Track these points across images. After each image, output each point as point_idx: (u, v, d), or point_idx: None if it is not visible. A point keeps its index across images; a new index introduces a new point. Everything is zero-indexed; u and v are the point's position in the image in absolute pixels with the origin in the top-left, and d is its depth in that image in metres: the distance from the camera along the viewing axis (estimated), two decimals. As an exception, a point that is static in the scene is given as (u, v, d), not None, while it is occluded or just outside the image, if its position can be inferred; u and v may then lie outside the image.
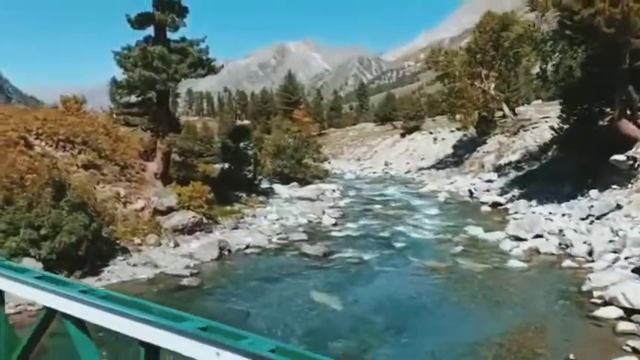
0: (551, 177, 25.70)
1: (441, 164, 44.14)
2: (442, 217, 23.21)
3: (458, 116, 40.06)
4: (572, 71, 26.18)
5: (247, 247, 17.26)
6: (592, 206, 19.67)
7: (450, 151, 45.75)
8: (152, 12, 19.47)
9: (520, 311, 11.02)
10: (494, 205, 25.48)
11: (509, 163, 34.52)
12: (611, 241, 15.09)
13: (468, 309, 11.33)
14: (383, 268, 14.69)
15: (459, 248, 16.50)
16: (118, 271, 13.99)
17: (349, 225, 21.55)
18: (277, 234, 19.22)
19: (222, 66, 20.86)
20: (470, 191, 30.84)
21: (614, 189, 19.93)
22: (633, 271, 12.54)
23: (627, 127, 19.43)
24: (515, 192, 26.82)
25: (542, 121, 37.36)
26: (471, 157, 40.29)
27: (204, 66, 19.79)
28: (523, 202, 23.58)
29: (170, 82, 19.10)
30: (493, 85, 39.13)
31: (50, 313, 2.95)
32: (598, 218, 18.14)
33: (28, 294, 3.09)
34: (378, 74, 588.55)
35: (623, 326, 9.53)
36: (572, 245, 15.77)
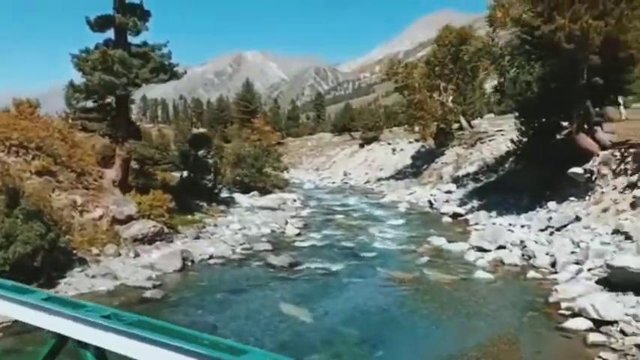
0: (509, 189, 26.18)
1: (399, 175, 44.50)
2: (404, 228, 23.27)
3: (417, 128, 40.51)
4: (529, 86, 26.83)
5: (211, 257, 16.82)
6: (551, 218, 20.07)
7: (409, 161, 46.22)
8: (113, 15, 18.89)
9: (491, 323, 11.02)
10: (455, 215, 25.75)
11: (467, 175, 35.06)
12: (573, 253, 15.36)
13: (440, 321, 11.26)
14: (351, 279, 14.51)
15: (425, 259, 16.51)
16: (75, 283, 13.34)
17: (313, 235, 21.33)
18: (241, 244, 18.83)
19: (185, 72, 20.41)
20: (430, 202, 31.13)
21: (572, 201, 20.40)
22: (597, 282, 12.77)
23: (585, 140, 19.97)
24: (475, 203, 27.18)
25: (498, 134, 38.23)
26: (429, 168, 40.78)
27: (167, 71, 19.31)
28: (483, 213, 23.87)
29: (131, 87, 18.54)
30: (451, 98, 39.81)
31: (61, 341, 2.62)
32: (558, 230, 18.48)
33: (34, 318, 2.74)
34: (334, 85, 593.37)
35: (594, 338, 9.63)
36: (535, 256, 15.99)
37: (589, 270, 13.77)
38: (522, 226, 20.82)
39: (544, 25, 18.39)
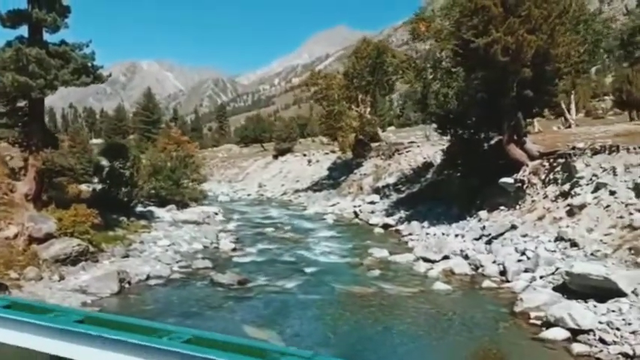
0: (436, 199, 26.66)
1: (317, 186, 44.26)
2: (340, 240, 22.87)
3: (338, 139, 40.52)
4: (446, 97, 27.55)
5: (148, 277, 15.38)
6: (484, 227, 20.49)
7: (326, 173, 46.14)
8: (27, 9, 16.99)
9: (469, 337, 10.75)
10: (385, 226, 25.77)
11: (388, 186, 35.42)
12: (519, 261, 15.59)
13: (418, 337, 10.84)
14: (308, 296, 13.79)
15: (376, 272, 16.12)
16: (-1, 314, 11.56)
17: (250, 250, 20.35)
18: (177, 262, 17.49)
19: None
20: (355, 213, 31.06)
21: (503, 210, 20.95)
22: (554, 289, 12.96)
23: (515, 151, 20.60)
24: (402, 214, 27.35)
25: (413, 146, 39.10)
26: (348, 180, 40.85)
27: (89, 73, 17.62)
28: (415, 223, 24.01)
29: (48, 90, 16.69)
30: (368, 110, 40.26)
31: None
32: (494, 238, 18.79)
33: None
34: (233, 96, 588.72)
35: (578, 348, 9.56)
36: (482, 266, 16.13)
37: (541, 277, 13.99)
38: (456, 236, 21.10)
39: (480, 38, 18.77)
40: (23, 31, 17.61)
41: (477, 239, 19.76)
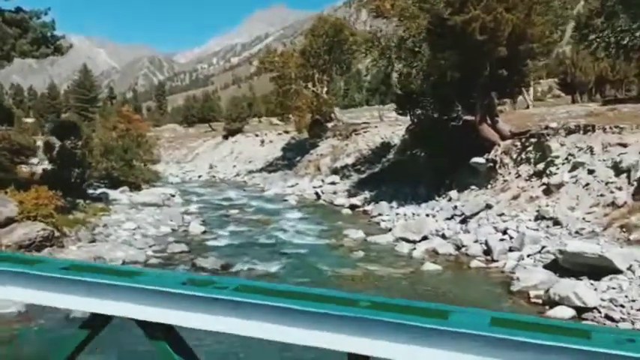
0: (401, 179, 26.57)
1: (271, 167, 43.55)
2: (309, 221, 22.42)
3: (293, 118, 39.80)
4: (420, 78, 27.47)
5: (124, 263, 14.46)
6: (455, 207, 20.55)
7: (280, 153, 45.43)
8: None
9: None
10: (352, 207, 25.52)
11: (346, 166, 35.22)
12: (501, 240, 15.67)
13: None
14: (297, 279, 13.27)
15: (360, 253, 15.80)
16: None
17: (221, 232, 19.59)
18: (150, 246, 16.56)
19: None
20: (317, 194, 30.68)
21: (474, 190, 21.10)
22: (545, 267, 13.06)
23: (487, 131, 20.71)
24: (367, 194, 27.18)
25: (371, 126, 39.02)
26: (303, 160, 40.37)
27: (50, 44, 16.25)
28: (384, 204, 23.85)
29: (5, 61, 15.31)
30: (325, 89, 39.75)
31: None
32: (469, 218, 18.88)
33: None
34: (170, 75, 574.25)
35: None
36: (465, 245, 16.10)
37: (529, 256, 14.06)
38: (427, 215, 21.06)
39: (457, 15, 18.59)
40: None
41: (448, 219, 19.80)
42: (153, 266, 14.41)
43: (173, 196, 29.83)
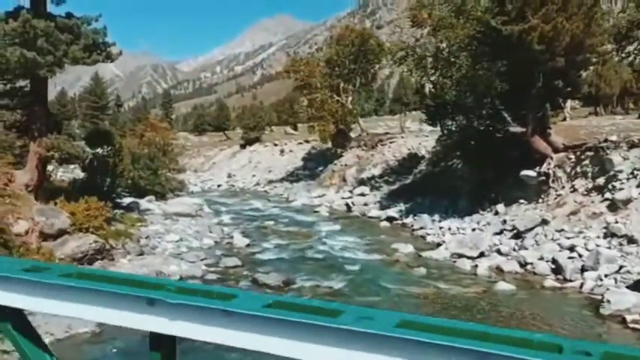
0: (438, 191, 25.92)
1: (292, 177, 42.92)
2: (350, 234, 21.74)
3: (320, 128, 39.20)
4: (455, 88, 26.91)
5: (181, 278, 13.79)
6: (504, 221, 19.93)
7: (300, 163, 44.84)
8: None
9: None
10: (390, 219, 24.86)
11: (373, 177, 34.59)
12: (570, 258, 15.01)
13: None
14: (367, 298, 12.64)
15: (422, 270, 15.12)
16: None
17: (266, 245, 18.94)
18: (201, 259, 15.91)
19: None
20: (347, 205, 30.03)
21: (523, 204, 20.43)
22: (629, 288, 12.40)
23: (539, 143, 20.05)
24: (402, 206, 26.55)
25: (397, 136, 38.42)
26: (327, 170, 39.71)
27: (101, 51, 15.68)
28: (426, 216, 23.19)
29: (57, 67, 14.71)
30: (350, 99, 39.21)
31: None
32: (523, 233, 18.20)
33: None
34: (173, 83, 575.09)
35: None
36: (529, 263, 15.44)
37: (606, 276, 13.41)
38: (473, 230, 20.43)
39: (513, 24, 17.99)
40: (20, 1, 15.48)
41: (497, 234, 19.17)
42: (211, 282, 13.75)
43: (202, 206, 29.18)
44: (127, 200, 26.35)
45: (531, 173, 20.35)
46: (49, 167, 21.72)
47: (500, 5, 18.82)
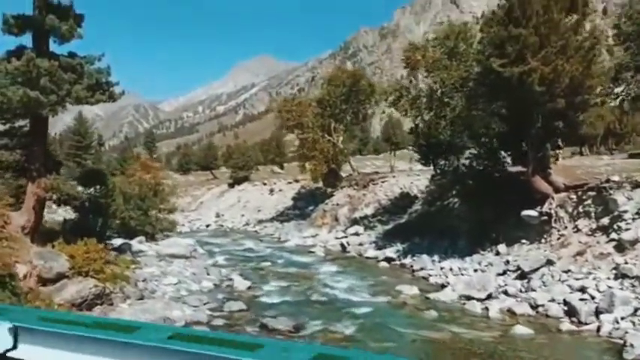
0: (435, 231, 25.71)
1: (282, 216, 42.47)
2: (350, 275, 21.33)
3: (312, 167, 39.05)
4: (449, 128, 27.12)
5: (186, 324, 13.24)
6: (507, 261, 19.74)
7: (290, 203, 44.45)
8: (35, 15, 14.66)
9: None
10: (388, 260, 24.52)
11: (366, 217, 34.36)
12: (582, 300, 14.77)
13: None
14: (382, 344, 12.20)
15: (432, 314, 14.76)
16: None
17: (267, 288, 18.42)
18: (204, 304, 15.36)
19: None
20: (342, 245, 29.65)
21: (524, 243, 20.30)
22: (648, 331, 12.17)
23: (540, 183, 20.05)
24: (399, 247, 26.23)
25: (389, 176, 38.40)
26: (318, 210, 39.38)
27: (104, 90, 15.42)
28: (426, 257, 22.89)
29: (59, 107, 14.39)
30: (341, 139, 39.27)
31: None
32: (528, 274, 17.98)
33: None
34: (155, 123, 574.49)
35: None
36: (541, 305, 15.17)
37: (623, 319, 13.18)
38: (475, 271, 20.20)
39: (513, 67, 18.17)
40: (24, 39, 15.24)
41: (501, 274, 18.93)
42: (218, 328, 13.21)
43: (195, 247, 28.59)
44: (118, 241, 25.71)
45: (533, 213, 20.29)
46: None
47: (499, 48, 19.02)
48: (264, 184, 51.29)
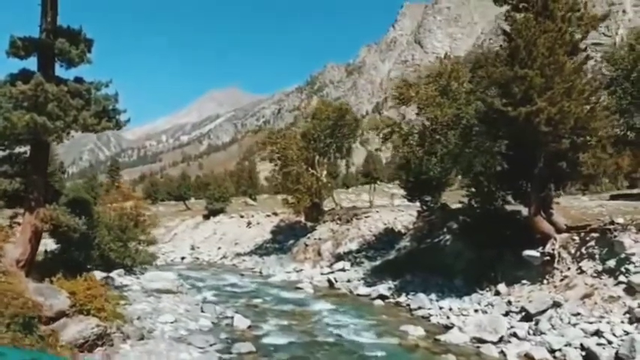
0: (427, 269, 25.37)
1: (261, 250, 41.54)
2: (348, 314, 20.63)
3: (295, 200, 38.47)
4: (440, 164, 27.13)
5: (198, 369, 12.40)
6: (509, 302, 19.51)
7: (269, 236, 43.60)
8: (43, 38, 13.95)
9: None
10: (382, 298, 23.96)
11: (351, 252, 33.81)
12: (600, 345, 14.53)
13: None
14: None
15: (450, 358, 14.26)
16: None
17: (267, 327, 17.61)
18: (210, 345, 14.47)
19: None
20: (329, 281, 28.98)
21: (525, 284, 20.11)
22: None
23: (542, 224, 19.98)
24: (390, 284, 25.72)
25: (372, 210, 38.11)
26: (299, 244, 38.65)
27: (111, 118, 14.70)
28: (422, 296, 22.43)
29: (64, 133, 13.62)
30: (325, 172, 38.97)
31: None
32: (534, 316, 17.71)
33: None
34: (117, 151, 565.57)
35: None
36: (558, 349, 14.85)
37: (645, 365, 12.96)
38: (476, 311, 19.88)
39: (520, 107, 18.22)
40: (28, 63, 14.46)
41: (504, 315, 18.62)
42: (233, 372, 12.41)
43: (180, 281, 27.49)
44: (99, 275, 24.50)
45: (535, 253, 20.16)
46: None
47: (504, 87, 19.10)
48: (242, 216, 50.32)
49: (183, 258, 43.82)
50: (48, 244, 23.21)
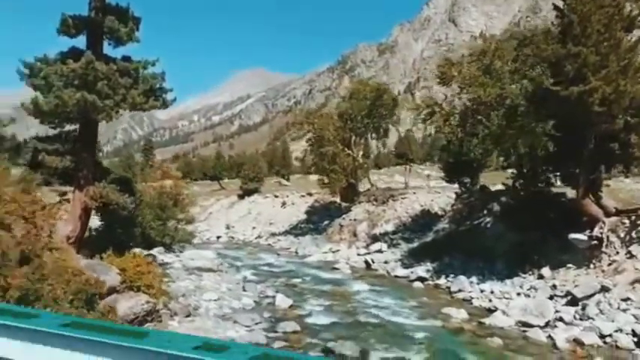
0: (467, 251, 25.04)
1: (296, 230, 41.63)
2: (387, 295, 20.50)
3: (331, 181, 38.35)
4: (480, 146, 26.54)
5: (246, 347, 12.43)
6: (554, 286, 19.10)
7: (304, 216, 43.65)
8: (93, 16, 13.96)
9: None
10: (421, 280, 23.76)
11: (387, 233, 33.63)
12: (653, 330, 14.12)
13: None
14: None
15: (497, 341, 14.04)
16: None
17: (309, 307, 17.63)
18: (256, 323, 14.55)
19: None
20: (366, 262, 28.86)
21: (571, 268, 19.65)
22: None
23: (590, 207, 19.47)
24: (428, 266, 25.49)
25: (409, 192, 37.76)
26: (334, 225, 38.57)
27: (158, 97, 14.70)
28: (463, 278, 22.15)
29: (114, 112, 13.66)
30: (361, 153, 38.67)
31: None
32: (580, 300, 17.30)
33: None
34: (150, 130, 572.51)
35: None
36: (608, 335, 14.47)
37: None
38: (518, 294, 19.53)
39: (573, 85, 17.62)
40: (77, 42, 14.52)
41: (548, 299, 18.23)
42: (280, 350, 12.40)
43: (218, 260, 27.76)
44: (143, 253, 24.87)
45: (582, 237, 19.67)
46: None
47: (555, 66, 18.49)
48: (276, 196, 50.49)
49: (219, 237, 44.25)
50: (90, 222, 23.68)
